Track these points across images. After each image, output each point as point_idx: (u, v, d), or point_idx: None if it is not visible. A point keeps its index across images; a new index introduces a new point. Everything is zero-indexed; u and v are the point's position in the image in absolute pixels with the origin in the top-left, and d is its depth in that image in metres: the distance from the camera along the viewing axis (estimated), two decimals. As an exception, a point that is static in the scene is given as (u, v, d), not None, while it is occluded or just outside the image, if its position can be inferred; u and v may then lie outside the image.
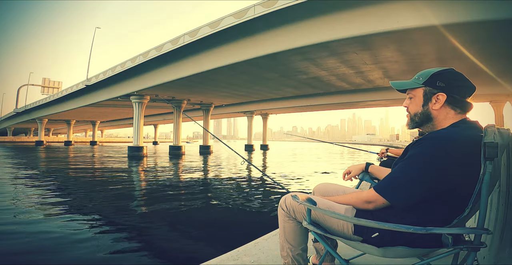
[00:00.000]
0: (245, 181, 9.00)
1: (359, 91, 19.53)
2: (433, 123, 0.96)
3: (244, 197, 6.36)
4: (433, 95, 0.95)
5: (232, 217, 4.82)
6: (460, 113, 0.95)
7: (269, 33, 10.00)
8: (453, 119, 0.94)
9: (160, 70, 15.25)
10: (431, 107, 0.95)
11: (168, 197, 6.34)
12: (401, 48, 10.13)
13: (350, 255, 1.47)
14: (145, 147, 20.51)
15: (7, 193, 6.41)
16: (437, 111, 0.95)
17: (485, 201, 0.82)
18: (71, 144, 43.98)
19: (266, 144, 34.77)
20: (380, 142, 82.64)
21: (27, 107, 36.29)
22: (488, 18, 6.64)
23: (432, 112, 0.96)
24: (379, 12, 7.73)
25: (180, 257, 3.13)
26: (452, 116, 0.94)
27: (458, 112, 0.95)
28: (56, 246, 3.36)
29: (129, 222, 4.51)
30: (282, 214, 1.14)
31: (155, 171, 11.75)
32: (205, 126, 24.84)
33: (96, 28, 25.63)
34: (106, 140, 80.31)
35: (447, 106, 0.94)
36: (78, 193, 6.65)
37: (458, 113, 0.95)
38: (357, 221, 0.85)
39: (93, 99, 22.79)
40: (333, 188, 1.28)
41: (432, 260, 0.90)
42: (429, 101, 0.96)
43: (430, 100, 0.95)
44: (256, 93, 21.39)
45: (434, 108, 0.95)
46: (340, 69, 13.46)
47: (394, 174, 0.92)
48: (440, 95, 0.94)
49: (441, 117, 0.95)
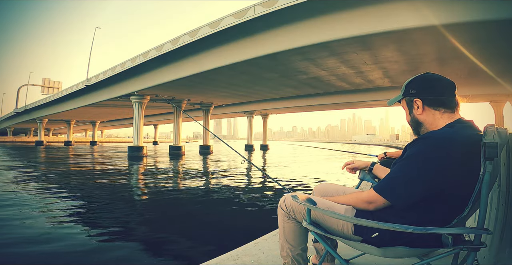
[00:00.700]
0: (245, 181, 9.00)
1: (359, 91, 19.54)
2: (425, 127, 0.99)
3: (244, 197, 6.36)
4: (412, 102, 1.00)
5: (232, 217, 4.82)
6: (447, 112, 0.96)
7: (269, 33, 10.01)
8: (444, 119, 0.95)
9: (160, 70, 15.26)
10: (415, 113, 1.01)
11: (168, 197, 6.34)
12: (401, 48, 10.13)
13: (350, 255, 1.47)
14: (145, 147, 20.51)
15: (8, 193, 6.42)
16: (422, 115, 0.99)
17: (485, 201, 0.82)
18: (71, 144, 44.00)
19: (266, 144, 34.79)
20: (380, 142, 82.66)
21: (27, 107, 36.30)
22: (488, 18, 6.65)
23: (418, 118, 1.00)
24: (379, 12, 7.73)
25: (180, 257, 3.13)
26: (440, 117, 0.96)
27: (444, 111, 0.96)
28: (56, 246, 3.36)
29: (129, 222, 4.51)
30: (282, 214, 1.14)
31: (155, 171, 11.75)
32: (205, 126, 24.84)
33: (96, 28, 25.65)
34: (106, 140, 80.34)
35: (428, 108, 0.97)
36: (78, 193, 6.65)
37: (445, 112, 0.96)
38: (357, 221, 0.85)
39: (93, 99, 22.80)
40: (333, 188, 1.28)
41: (432, 260, 0.90)
42: (412, 108, 1.01)
43: (413, 107, 1.01)
44: (256, 93, 21.40)
45: (417, 113, 1.00)
46: (340, 69, 13.46)
47: (393, 174, 0.93)
48: (416, 100, 0.99)
49: (429, 120, 0.98)
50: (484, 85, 15.81)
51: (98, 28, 27.31)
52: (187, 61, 13.47)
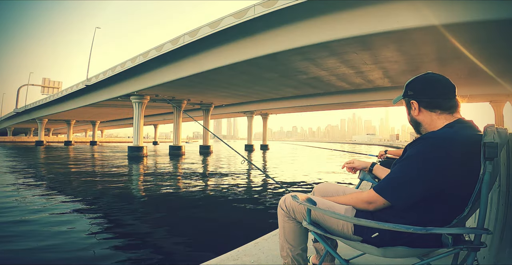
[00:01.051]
0: (245, 181, 9.00)
1: (359, 91, 19.54)
2: (424, 127, 1.00)
3: (244, 197, 6.36)
4: (409, 103, 1.02)
5: (232, 217, 4.82)
6: (443, 113, 0.95)
7: (269, 33, 10.01)
8: (442, 120, 0.95)
9: (160, 70, 15.26)
10: (413, 114, 1.02)
11: (168, 197, 6.34)
12: (401, 48, 10.14)
13: (350, 255, 1.47)
14: (145, 147, 20.52)
15: (8, 194, 6.41)
16: (419, 116, 1.00)
17: (485, 201, 0.82)
18: (71, 144, 44.01)
19: (266, 144, 34.79)
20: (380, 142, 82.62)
21: (27, 107, 36.30)
22: (488, 18, 6.65)
23: (417, 118, 1.01)
24: (379, 12, 7.73)
25: (180, 257, 3.13)
26: (437, 118, 0.96)
27: (440, 112, 0.96)
28: (55, 247, 3.36)
29: (129, 222, 4.51)
30: (282, 214, 1.14)
31: (155, 171, 11.75)
32: (205, 126, 24.83)
33: (96, 28, 25.65)
34: (106, 140, 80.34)
35: (424, 110, 0.98)
36: (77, 194, 6.65)
37: (441, 114, 0.95)
38: (357, 221, 0.85)
39: (93, 99, 22.80)
40: (333, 188, 1.28)
41: (432, 260, 0.90)
42: (410, 109, 1.03)
43: (411, 108, 1.02)
44: (256, 93, 21.40)
45: (414, 114, 1.01)
46: (340, 69, 13.47)
47: (393, 174, 0.93)
48: (413, 102, 1.00)
49: (427, 121, 0.98)
50: (484, 85, 15.82)
51: (98, 28, 27.33)
52: (187, 61, 13.47)
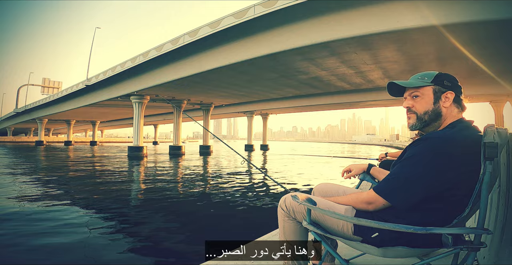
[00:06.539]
0: (245, 181, 9.00)
1: (359, 91, 19.53)
2: (440, 121, 0.98)
3: (244, 197, 6.36)
4: (442, 93, 0.97)
5: (231, 217, 4.82)
6: (459, 112, 0.99)
7: (269, 33, 10.01)
8: (455, 117, 0.97)
9: (160, 70, 15.25)
10: (441, 105, 0.97)
11: (168, 197, 6.33)
12: (401, 48, 10.13)
13: (350, 255, 1.47)
14: (145, 147, 20.50)
15: (8, 193, 6.42)
16: (446, 108, 0.97)
17: (485, 201, 0.82)
18: (71, 144, 43.95)
19: (266, 144, 34.74)
20: (380, 142, 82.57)
21: (27, 107, 36.27)
22: (488, 18, 6.65)
23: (442, 110, 0.97)
24: (379, 12, 7.73)
25: (180, 257, 3.13)
26: (454, 115, 0.98)
27: (459, 110, 0.98)
28: (55, 247, 3.36)
29: (128, 222, 4.51)
30: (282, 214, 1.14)
31: (155, 171, 11.75)
32: (205, 126, 24.84)
33: (96, 28, 25.65)
34: (106, 140, 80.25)
35: (453, 104, 0.98)
36: (77, 194, 6.65)
37: (459, 112, 0.99)
38: (357, 221, 0.85)
39: (93, 99, 22.78)
40: (333, 188, 1.28)
41: (432, 260, 0.90)
42: (439, 99, 0.97)
43: (440, 98, 0.97)
44: (256, 93, 21.39)
45: (444, 106, 0.97)
46: (340, 69, 13.46)
47: (393, 175, 0.93)
48: (449, 93, 0.97)
49: (447, 115, 0.98)
50: (484, 85, 15.80)
51: (98, 28, 27.35)
52: (187, 61, 13.47)
